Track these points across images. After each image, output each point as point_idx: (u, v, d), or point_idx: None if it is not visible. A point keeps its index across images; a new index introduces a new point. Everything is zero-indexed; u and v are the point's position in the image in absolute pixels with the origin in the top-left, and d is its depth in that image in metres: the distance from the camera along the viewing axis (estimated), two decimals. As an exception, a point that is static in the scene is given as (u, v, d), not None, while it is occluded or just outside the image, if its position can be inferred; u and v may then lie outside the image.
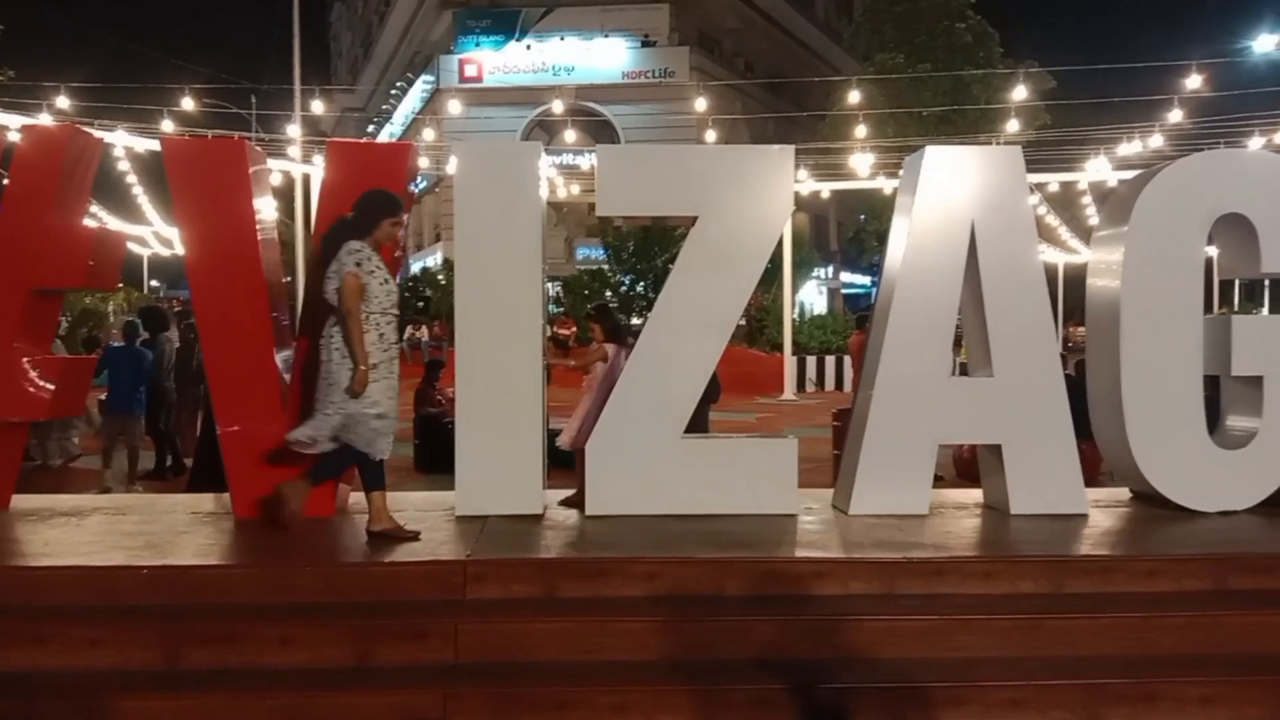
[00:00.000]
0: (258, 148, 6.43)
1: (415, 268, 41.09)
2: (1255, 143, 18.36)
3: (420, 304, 30.47)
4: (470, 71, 40.02)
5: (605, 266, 29.85)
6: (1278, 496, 5.85)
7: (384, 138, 43.72)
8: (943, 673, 4.20)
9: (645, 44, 39.57)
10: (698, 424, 7.55)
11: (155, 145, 15.64)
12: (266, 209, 6.06)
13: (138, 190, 21.54)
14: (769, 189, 5.88)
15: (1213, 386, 6.08)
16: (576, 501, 5.92)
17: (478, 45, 40.38)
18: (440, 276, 31.55)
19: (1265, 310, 34.26)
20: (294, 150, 20.32)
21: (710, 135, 21.24)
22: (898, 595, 4.70)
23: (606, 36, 39.41)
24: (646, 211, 6.39)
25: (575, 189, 26.15)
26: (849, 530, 5.46)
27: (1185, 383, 5.87)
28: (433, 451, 10.35)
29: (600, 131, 35.82)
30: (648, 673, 4.22)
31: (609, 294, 28.72)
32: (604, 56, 39.37)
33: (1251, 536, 5.34)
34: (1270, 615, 4.54)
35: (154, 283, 44.17)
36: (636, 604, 4.57)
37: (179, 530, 5.51)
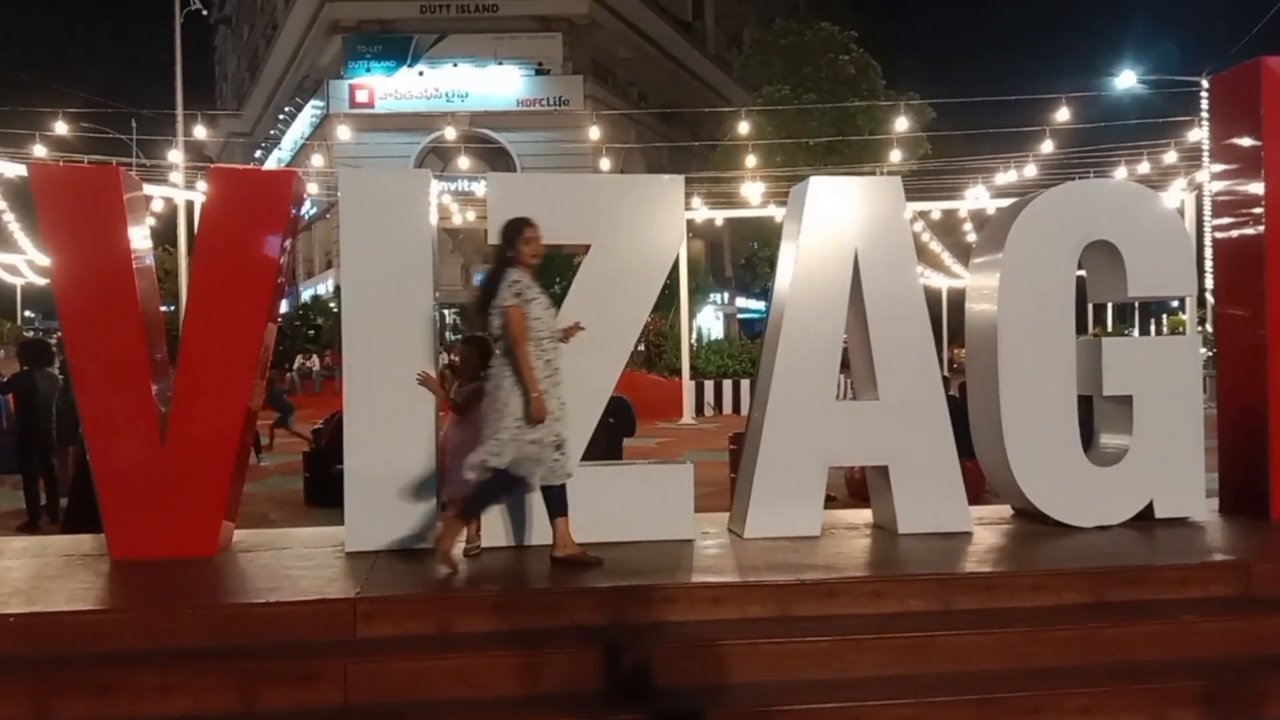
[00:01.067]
0: (133, 174, 6.22)
1: (305, 295, 40.17)
2: (1120, 172, 19.34)
3: (311, 332, 29.78)
4: (361, 97, 39.53)
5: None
6: (1149, 510, 6.12)
7: (272, 163, 42.76)
8: (837, 693, 4.25)
9: (539, 72, 39.72)
10: (611, 455, 7.57)
11: (25, 171, 14.96)
12: (142, 238, 5.85)
13: (8, 218, 20.57)
14: (661, 217, 5.94)
15: (1086, 407, 6.33)
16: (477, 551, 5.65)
17: (369, 71, 39.92)
18: (332, 304, 30.92)
19: (1135, 332, 36.06)
20: (176, 176, 19.68)
21: (605, 163, 21.38)
22: (792, 618, 4.75)
23: (500, 64, 39.44)
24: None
25: (471, 215, 25.96)
26: (744, 554, 5.50)
27: (1060, 403, 6.10)
28: (322, 486, 10.08)
29: (496, 158, 35.75)
30: (545, 707, 4.16)
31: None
32: (498, 84, 39.36)
33: (1126, 550, 5.57)
34: (1144, 625, 4.73)
35: (28, 313, 42.10)
36: (535, 637, 4.50)
37: (50, 575, 5.23)
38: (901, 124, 21.90)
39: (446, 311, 32.08)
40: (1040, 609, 4.88)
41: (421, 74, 39.59)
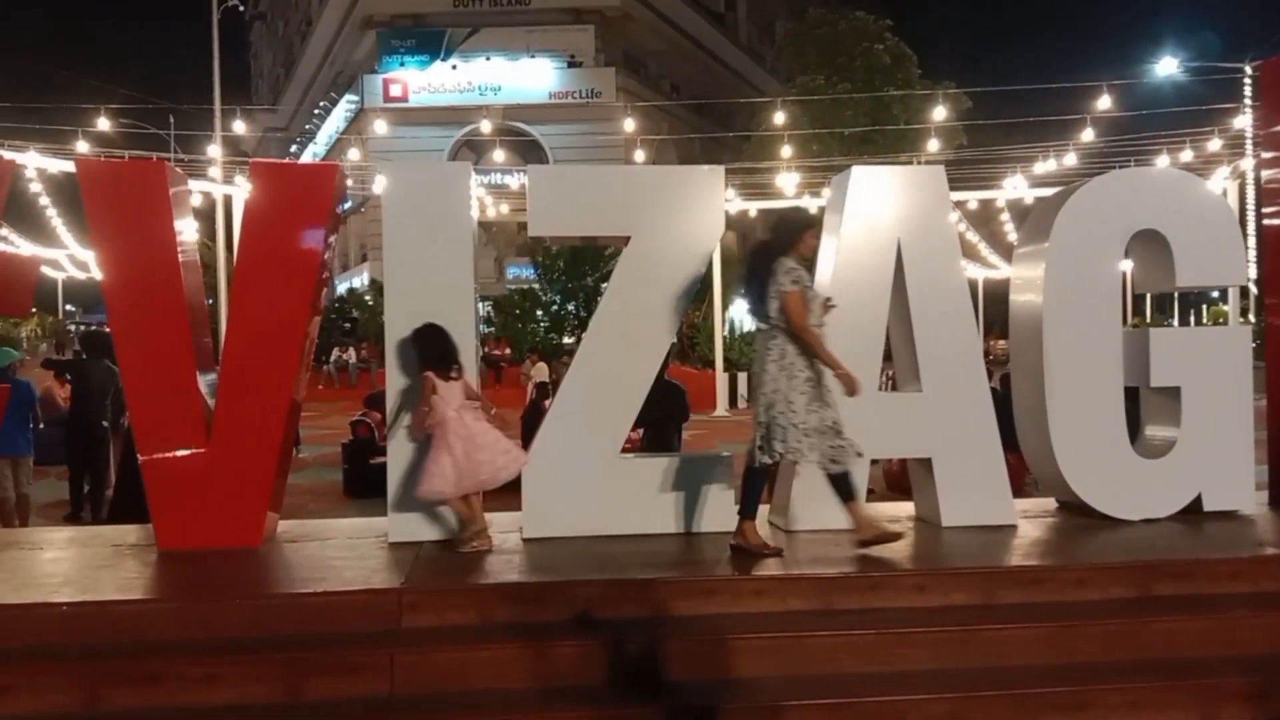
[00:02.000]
0: (178, 169, 6.28)
1: (341, 288, 40.51)
2: (1162, 161, 19.05)
3: (347, 325, 30.00)
4: (395, 91, 39.75)
5: (536, 285, 29.75)
6: (1197, 503, 6.02)
7: (307, 158, 43.15)
8: (880, 687, 4.22)
9: (571, 65, 39.74)
10: (666, 445, 7.56)
11: (69, 167, 15.18)
12: (188, 231, 5.91)
13: (51, 213, 20.88)
14: (700, 209, 5.91)
15: (1132, 398, 6.24)
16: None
17: (402, 65, 40.13)
18: (367, 297, 31.13)
19: (1175, 322, 35.52)
20: (214, 171, 19.89)
21: (639, 155, 21.35)
22: (835, 611, 4.72)
23: (532, 57, 39.49)
24: (579, 232, 6.38)
25: (505, 208, 26.03)
26: (787, 545, 5.47)
27: (1107, 394, 6.02)
28: (361, 477, 10.18)
29: (529, 151, 35.83)
30: (588, 698, 4.17)
31: (540, 313, 28.60)
32: (530, 77, 39.42)
33: (1173, 543, 5.49)
34: (1191, 620, 4.66)
35: (69, 307, 42.76)
36: (576, 629, 4.51)
37: (99, 564, 5.31)
38: (938, 113, 21.69)
39: (482, 304, 32.24)
40: (1086, 603, 4.82)
41: (455, 68, 39.75)
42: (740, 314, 39.95)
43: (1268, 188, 6.72)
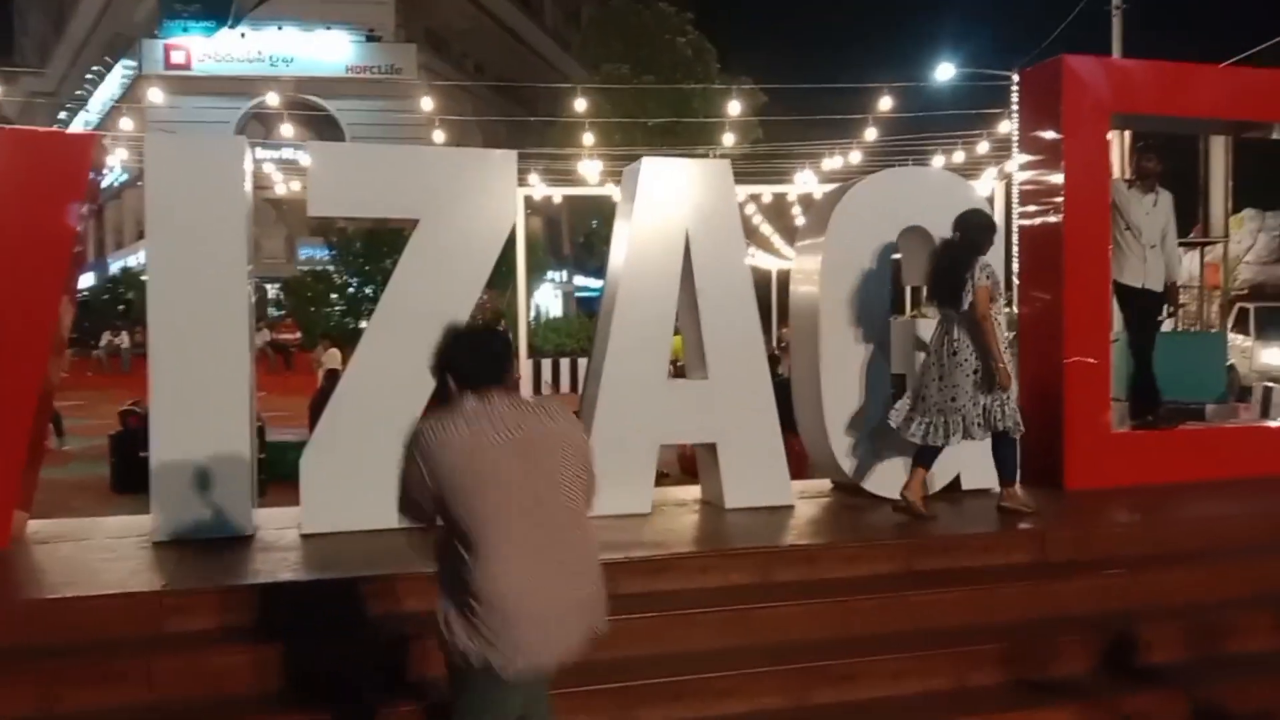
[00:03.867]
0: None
1: (115, 267, 37.77)
2: (937, 161, 20.30)
3: (121, 307, 27.99)
4: (177, 58, 37.23)
5: (330, 267, 28.67)
6: (956, 482, 6.46)
7: (78, 126, 39.80)
8: (662, 669, 4.31)
9: (370, 38, 38.37)
10: None
11: None
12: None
13: None
14: (492, 193, 5.83)
15: (900, 385, 6.62)
16: None
17: (185, 30, 37.61)
18: (144, 277, 29.15)
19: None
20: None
21: (439, 136, 20.89)
22: (622, 595, 4.76)
23: (329, 29, 37.87)
24: (364, 213, 6.19)
25: (296, 185, 24.91)
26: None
27: (876, 381, 6.37)
28: (130, 471, 9.51)
29: (324, 127, 34.39)
30: (353, 696, 4.03)
31: (335, 296, 27.62)
32: (326, 49, 37.81)
33: (934, 520, 5.86)
34: (950, 593, 4.99)
35: None
36: (359, 625, 4.38)
37: None
38: (734, 108, 22.29)
39: (270, 285, 30.75)
40: (856, 579, 5.07)
41: (244, 36, 37.59)
42: (545, 300, 39.95)
43: (1024, 189, 7.28)
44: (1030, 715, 4.38)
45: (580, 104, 22.25)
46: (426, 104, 20.80)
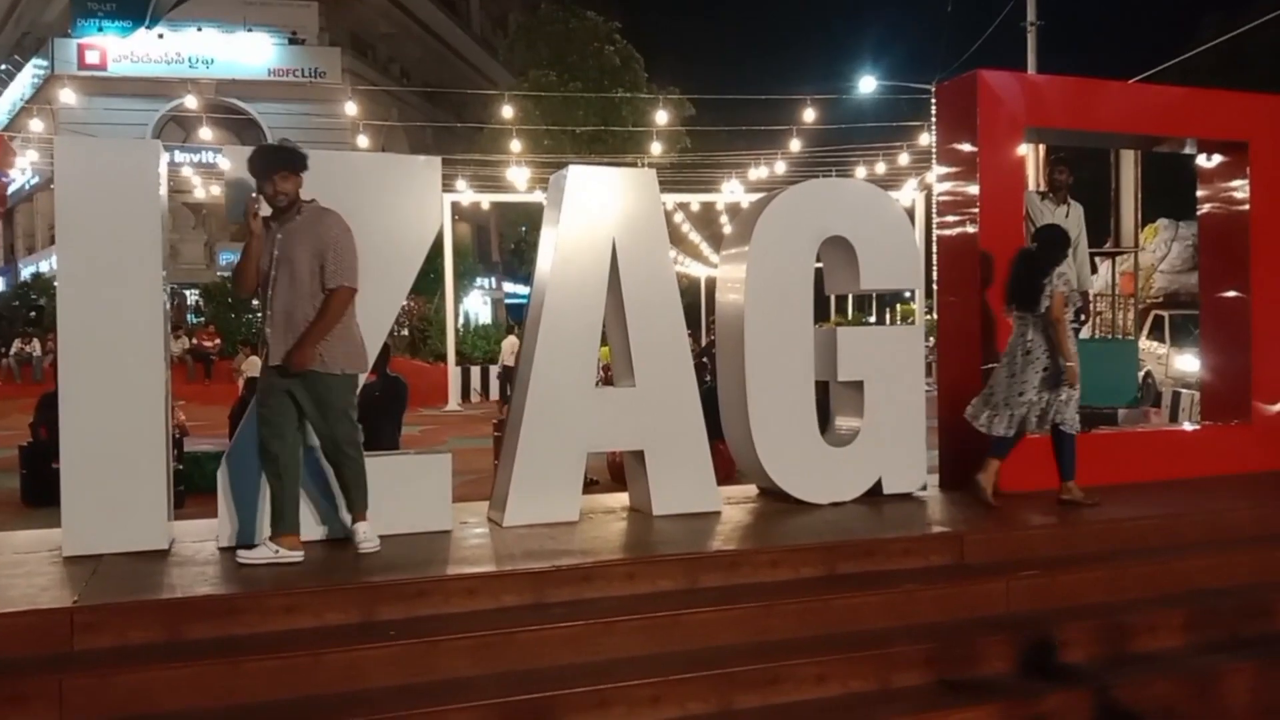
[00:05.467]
0: None
1: (26, 273, 36.54)
2: (860, 172, 20.69)
3: (32, 314, 27.03)
4: (92, 58, 36.09)
5: (252, 274, 28.02)
6: (878, 487, 6.58)
7: (-17, 127, 38.38)
8: (587, 677, 4.30)
9: (293, 41, 37.67)
10: (384, 442, 7.27)
11: None
12: None
13: None
14: (416, 199, 5.78)
15: (823, 391, 6.73)
16: None
17: (100, 30, 36.49)
18: (56, 282, 28.20)
19: (874, 320, 38.75)
20: None
21: (364, 141, 20.64)
22: (548, 604, 4.77)
23: (250, 30, 37.09)
24: (285, 220, 6.05)
25: (216, 190, 24.38)
26: (502, 542, 5.48)
27: (800, 388, 6.45)
28: (41, 484, 9.20)
29: (244, 130, 33.66)
30: (287, 713, 3.98)
31: (255, 302, 27.02)
32: (247, 51, 37.01)
33: (856, 525, 5.96)
34: (871, 595, 5.07)
35: None
36: (276, 641, 4.29)
37: None
38: (662, 117, 22.44)
39: (189, 292, 29.99)
40: (779, 583, 5.12)
41: (161, 36, 36.61)
42: (474, 306, 39.62)
43: (941, 200, 7.46)
44: (951, 715, 4.46)
45: (508, 110, 22.19)
46: (351, 108, 20.55)
